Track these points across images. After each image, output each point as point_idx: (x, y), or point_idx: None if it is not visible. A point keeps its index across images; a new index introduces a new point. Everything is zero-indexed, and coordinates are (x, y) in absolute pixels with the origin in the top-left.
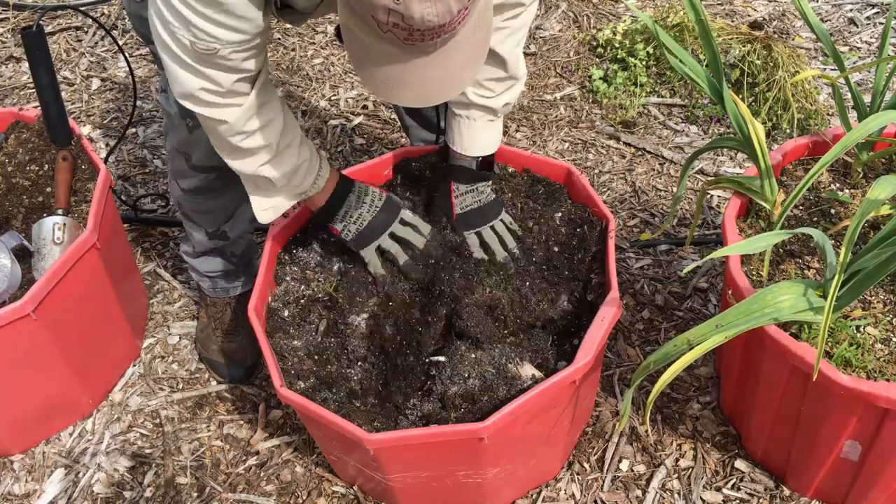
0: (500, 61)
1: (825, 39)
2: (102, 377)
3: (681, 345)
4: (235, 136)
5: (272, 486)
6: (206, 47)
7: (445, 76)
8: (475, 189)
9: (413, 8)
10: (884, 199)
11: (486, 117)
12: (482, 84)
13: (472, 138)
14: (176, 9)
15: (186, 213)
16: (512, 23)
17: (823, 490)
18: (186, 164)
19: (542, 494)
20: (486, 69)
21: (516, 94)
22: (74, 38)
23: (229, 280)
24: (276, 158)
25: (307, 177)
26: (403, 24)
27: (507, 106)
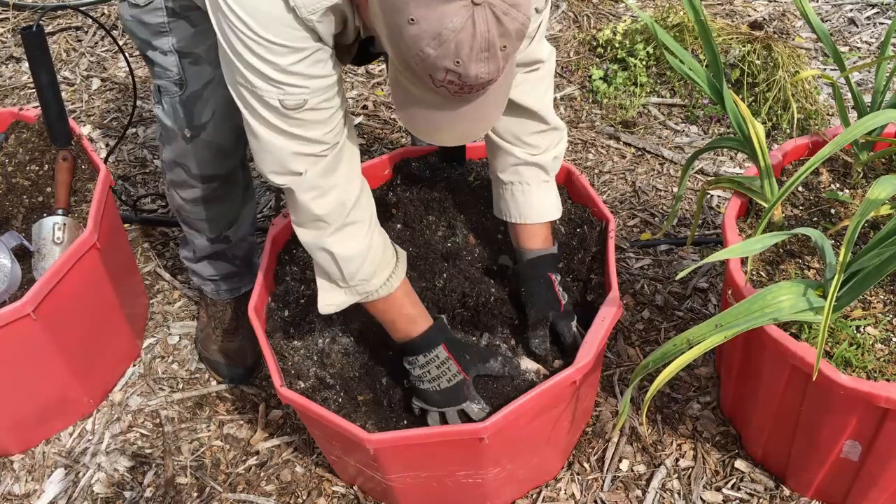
0: (532, 114)
1: (825, 39)
2: (102, 377)
3: (680, 344)
4: (309, 191)
5: (272, 486)
6: (295, 102)
7: (480, 118)
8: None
9: (471, 68)
10: (884, 199)
11: (542, 177)
12: (526, 142)
13: (531, 203)
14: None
15: (186, 221)
16: (531, 75)
17: (823, 490)
18: (186, 175)
19: (542, 494)
20: (525, 123)
21: (563, 147)
22: (74, 38)
23: (232, 282)
24: (350, 231)
25: (380, 271)
26: (458, 81)
27: (556, 161)
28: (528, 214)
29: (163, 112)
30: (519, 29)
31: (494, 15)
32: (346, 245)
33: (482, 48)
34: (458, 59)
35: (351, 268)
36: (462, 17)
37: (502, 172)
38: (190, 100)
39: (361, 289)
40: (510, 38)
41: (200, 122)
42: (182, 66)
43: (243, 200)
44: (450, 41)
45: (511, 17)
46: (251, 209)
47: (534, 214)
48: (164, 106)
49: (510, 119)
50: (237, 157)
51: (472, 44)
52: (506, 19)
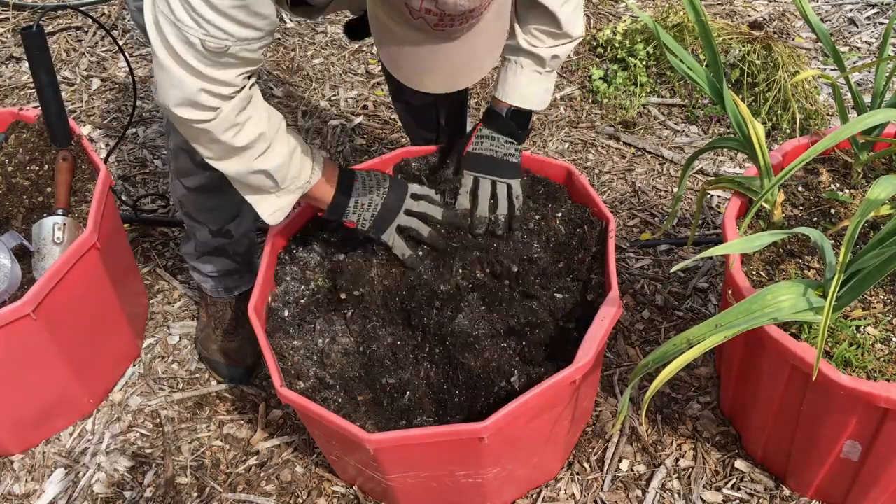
0: (550, 15)
1: (825, 39)
2: (102, 377)
3: (680, 344)
4: (228, 130)
5: (272, 486)
6: (217, 45)
7: (469, 61)
8: (497, 138)
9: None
10: (884, 199)
11: (533, 66)
12: (531, 32)
13: (516, 85)
14: (190, 4)
15: (189, 213)
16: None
17: (823, 490)
18: (191, 161)
19: (542, 494)
20: (539, 21)
21: (567, 50)
22: (74, 38)
23: (232, 280)
24: (272, 147)
25: (304, 164)
26: (436, 10)
27: (555, 59)
28: (511, 94)
29: None
30: None
31: None
32: (274, 158)
33: None
34: None
35: (282, 173)
36: None
37: (505, 51)
38: None
39: (294, 185)
40: None
41: None
42: None
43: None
44: None
45: None
46: None
47: (514, 95)
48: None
49: (527, 12)
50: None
51: None
52: None
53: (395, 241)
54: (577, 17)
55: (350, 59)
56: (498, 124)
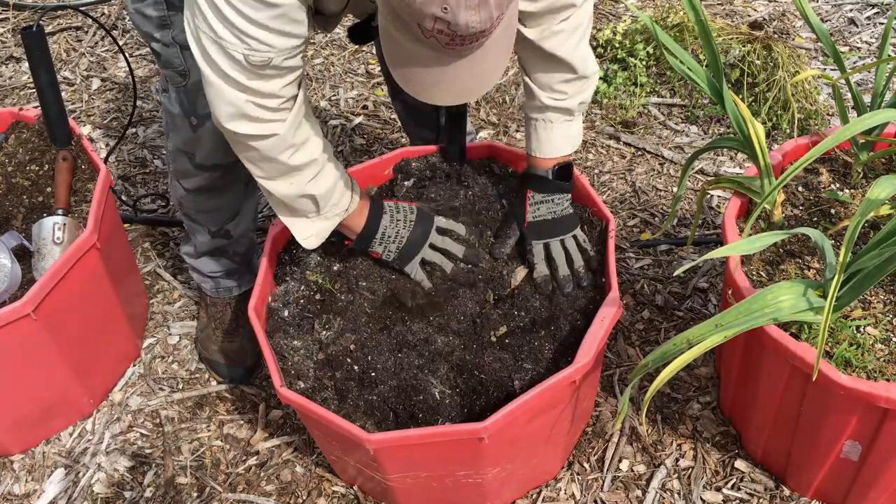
0: (565, 64)
1: (825, 39)
2: (102, 377)
3: (680, 344)
4: (286, 151)
5: (272, 486)
6: (260, 59)
7: (479, 75)
8: (551, 200)
9: (460, 16)
10: (884, 199)
11: (563, 118)
12: (554, 88)
13: (550, 140)
14: (230, 21)
15: (189, 214)
16: (565, 25)
17: (823, 490)
18: (190, 164)
19: (542, 494)
20: (554, 74)
21: (590, 92)
22: (74, 38)
23: (232, 280)
24: (322, 172)
25: (345, 194)
26: (448, 31)
27: (582, 105)
28: (547, 151)
29: (169, 100)
30: None
31: None
32: (323, 184)
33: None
34: (445, 5)
35: (325, 199)
36: None
37: (530, 111)
38: (194, 89)
39: (332, 213)
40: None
41: (206, 112)
42: (184, 56)
43: (245, 194)
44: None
45: None
46: (252, 204)
47: (551, 150)
48: (171, 94)
49: (540, 67)
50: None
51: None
52: None
53: (417, 273)
54: (589, 55)
55: (350, 59)
56: (547, 187)
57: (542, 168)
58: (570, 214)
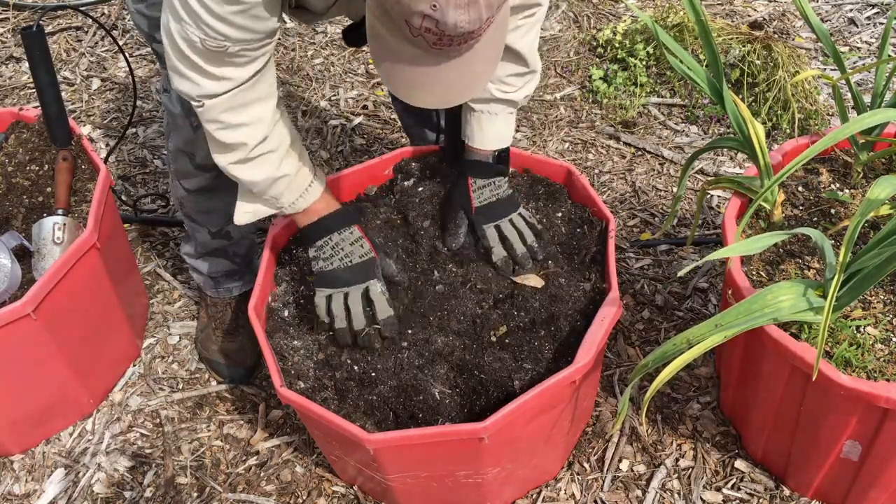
0: (520, 57)
1: (825, 39)
2: (102, 377)
3: (680, 344)
4: (212, 122)
5: (272, 486)
6: (216, 45)
7: (465, 78)
8: (492, 183)
9: (449, 14)
10: (884, 199)
11: (508, 110)
12: (503, 81)
13: (492, 132)
14: (191, 7)
15: (189, 214)
16: (528, 20)
17: (823, 490)
18: (191, 164)
19: (542, 494)
20: (507, 66)
21: (535, 86)
22: (74, 38)
23: (232, 280)
24: (250, 163)
25: (286, 194)
26: (436, 30)
27: (526, 98)
28: (489, 141)
29: (170, 100)
30: None
31: None
32: (250, 173)
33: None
34: (434, 2)
35: (257, 189)
36: None
37: (474, 102)
38: None
39: (272, 205)
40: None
41: None
42: None
43: None
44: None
45: None
46: None
47: (493, 142)
48: (172, 94)
49: None
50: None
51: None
52: None
53: (319, 303)
54: (535, 49)
55: (350, 59)
56: (487, 171)
57: (482, 154)
58: (511, 194)
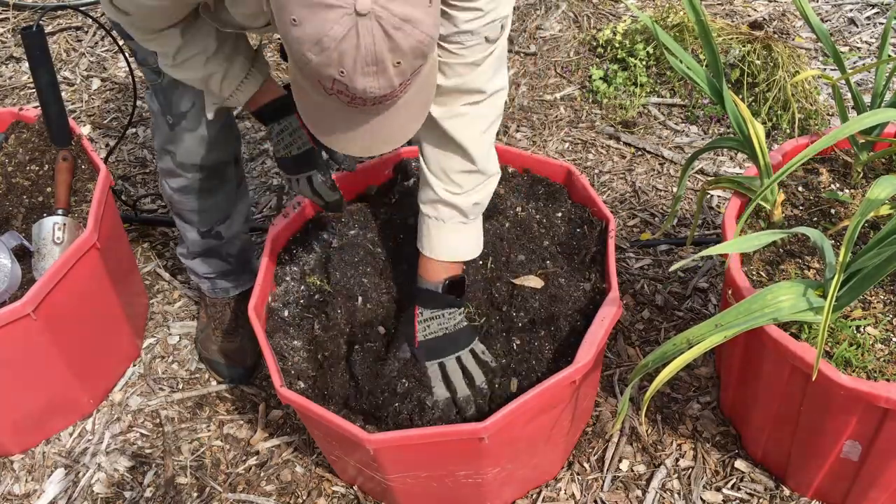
0: (463, 151)
1: (825, 39)
2: (102, 377)
3: (680, 344)
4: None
5: (272, 486)
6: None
7: (389, 132)
8: (441, 315)
9: (357, 81)
10: (884, 199)
11: (458, 218)
12: (451, 178)
13: (441, 240)
14: None
15: (178, 213)
16: (471, 109)
17: (823, 490)
18: (172, 162)
19: (542, 494)
20: (453, 159)
21: (487, 194)
22: (74, 38)
23: (228, 280)
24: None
25: (224, 89)
26: (347, 93)
27: (477, 206)
28: (439, 251)
29: (150, 98)
30: (415, 46)
31: (383, 28)
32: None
33: (368, 62)
34: (342, 68)
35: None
36: (344, 26)
37: (423, 204)
38: (169, 88)
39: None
40: (404, 55)
41: (181, 111)
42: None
43: (236, 196)
44: (332, 49)
45: (405, 32)
46: (244, 207)
47: (443, 251)
48: (150, 91)
49: (439, 151)
50: (225, 150)
51: (357, 56)
52: (397, 34)
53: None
54: (492, 155)
55: None
56: (437, 301)
57: (431, 282)
58: (465, 328)
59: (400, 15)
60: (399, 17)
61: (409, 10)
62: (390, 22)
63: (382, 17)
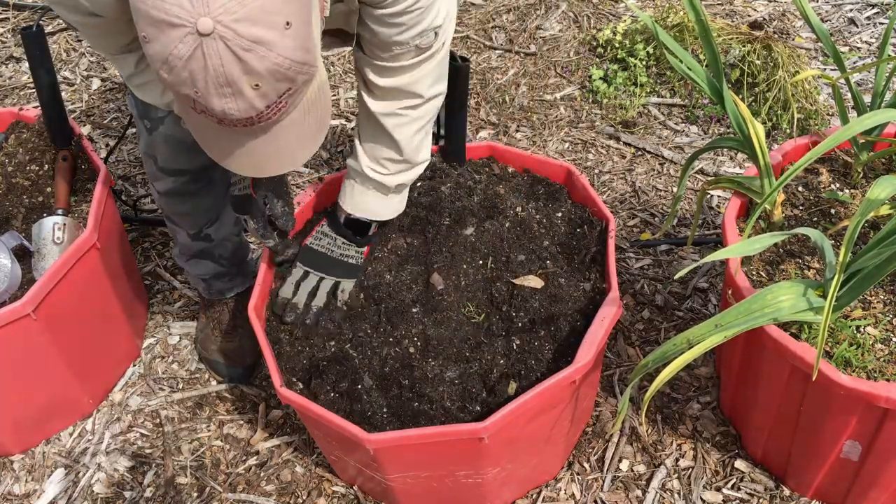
0: (395, 145)
1: (825, 39)
2: (102, 377)
3: (680, 344)
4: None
5: (272, 486)
6: None
7: (277, 153)
8: (335, 239)
9: (213, 102)
10: (884, 199)
11: (381, 190)
12: (379, 160)
13: (364, 203)
14: None
15: (168, 216)
16: (411, 112)
17: (823, 490)
18: (155, 167)
19: (542, 494)
20: (383, 148)
21: (413, 177)
22: (74, 38)
23: (223, 282)
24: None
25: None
26: (209, 113)
27: (400, 186)
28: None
29: (130, 102)
30: (272, 69)
31: (230, 50)
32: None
33: (220, 83)
34: (195, 89)
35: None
36: (188, 46)
37: (351, 169)
38: None
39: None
40: (261, 77)
41: (157, 116)
42: None
43: (225, 200)
44: (180, 69)
45: (257, 55)
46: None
47: (361, 209)
48: (130, 96)
49: (372, 137)
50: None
51: (206, 77)
52: (248, 56)
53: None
54: (422, 147)
55: (350, 59)
56: (336, 227)
57: (340, 213)
58: (346, 265)
59: (248, 37)
60: (248, 38)
61: (260, 33)
62: (238, 43)
63: (228, 37)
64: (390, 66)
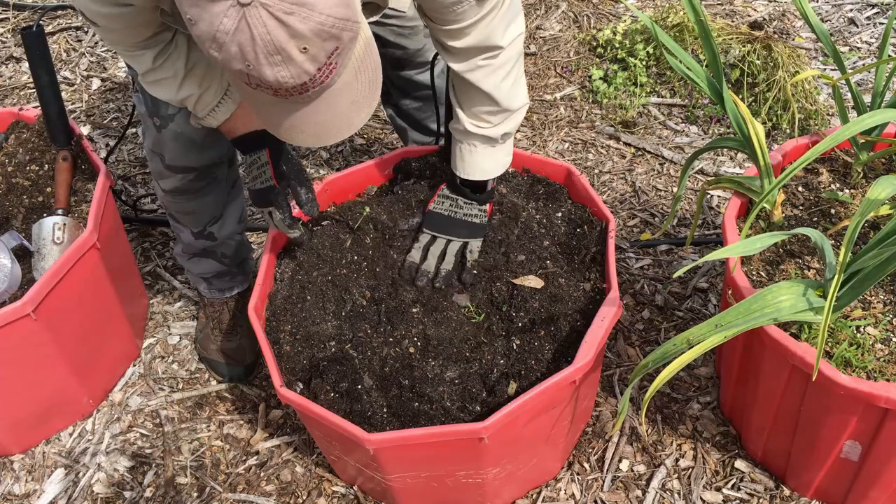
0: (487, 96)
1: (825, 39)
2: (102, 377)
3: (680, 344)
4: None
5: (272, 486)
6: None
7: (335, 118)
8: (456, 200)
9: (265, 73)
10: (884, 199)
11: (488, 144)
12: (478, 116)
13: (475, 164)
14: None
15: (171, 214)
16: (492, 62)
17: (823, 490)
18: (162, 164)
19: (542, 494)
20: (478, 103)
21: (515, 124)
22: (74, 38)
23: (224, 281)
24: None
25: (198, 110)
26: (265, 85)
27: (506, 136)
28: (472, 173)
29: (138, 99)
30: (318, 29)
31: (273, 15)
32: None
33: (270, 51)
34: (247, 62)
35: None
36: (232, 18)
37: (455, 132)
38: None
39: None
40: (308, 39)
41: (167, 113)
42: None
43: (228, 198)
44: (229, 44)
45: (299, 16)
46: (237, 207)
47: (476, 173)
48: (138, 94)
49: (465, 94)
50: (214, 151)
51: (255, 47)
52: (292, 19)
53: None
54: (515, 93)
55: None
56: (455, 188)
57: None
58: (473, 223)
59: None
60: (288, 1)
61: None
62: (279, 8)
63: (269, 3)
64: (458, 28)
